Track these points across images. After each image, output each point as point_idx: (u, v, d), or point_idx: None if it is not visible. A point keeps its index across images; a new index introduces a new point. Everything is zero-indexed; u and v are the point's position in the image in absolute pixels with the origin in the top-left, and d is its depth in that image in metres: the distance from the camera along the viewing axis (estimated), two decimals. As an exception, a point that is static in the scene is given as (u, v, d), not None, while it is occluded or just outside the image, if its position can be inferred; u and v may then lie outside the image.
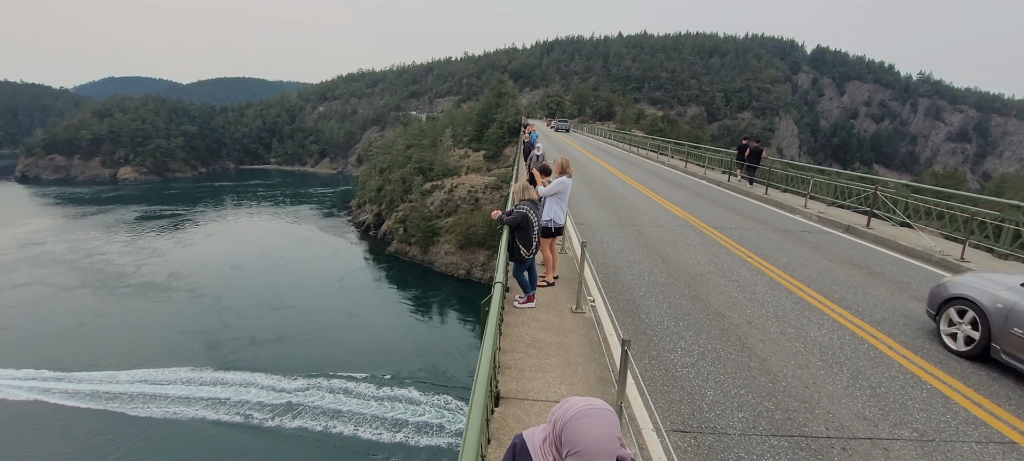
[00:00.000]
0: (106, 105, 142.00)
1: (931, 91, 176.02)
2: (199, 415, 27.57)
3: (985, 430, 4.54)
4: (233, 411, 27.82)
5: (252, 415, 27.48)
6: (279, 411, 27.82)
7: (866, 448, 4.23)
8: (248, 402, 28.58)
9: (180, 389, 29.90)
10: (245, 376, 31.23)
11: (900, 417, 4.69)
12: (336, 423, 26.83)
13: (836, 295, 7.92)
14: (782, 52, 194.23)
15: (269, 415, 27.48)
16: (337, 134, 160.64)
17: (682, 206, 15.08)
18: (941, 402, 4.97)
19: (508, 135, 66.45)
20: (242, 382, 30.61)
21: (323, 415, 27.44)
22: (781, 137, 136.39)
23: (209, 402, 28.63)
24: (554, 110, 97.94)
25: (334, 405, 28.28)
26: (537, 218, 6.44)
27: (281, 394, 29.32)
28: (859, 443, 4.29)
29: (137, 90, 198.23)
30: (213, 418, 27.34)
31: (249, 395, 29.24)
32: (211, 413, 27.68)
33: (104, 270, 52.70)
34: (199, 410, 27.92)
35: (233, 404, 28.41)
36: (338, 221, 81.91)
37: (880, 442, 4.31)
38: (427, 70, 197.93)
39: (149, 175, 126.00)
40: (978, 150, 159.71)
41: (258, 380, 30.74)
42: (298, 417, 27.31)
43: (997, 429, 4.55)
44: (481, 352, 3.21)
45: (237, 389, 29.89)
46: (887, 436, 4.40)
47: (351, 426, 26.60)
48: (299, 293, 46.02)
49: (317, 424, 26.76)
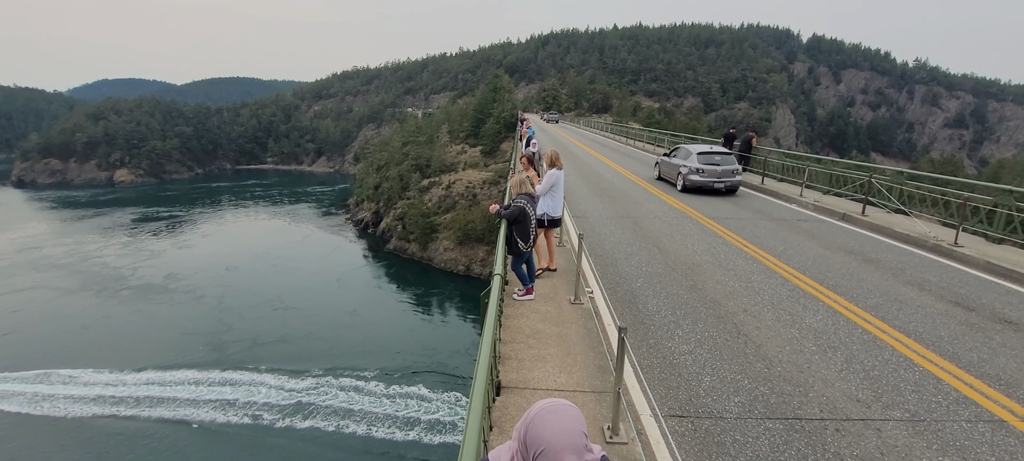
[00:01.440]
0: (100, 107, 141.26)
1: (927, 78, 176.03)
2: (210, 417, 27.64)
3: (975, 409, 4.65)
4: (243, 412, 27.90)
5: (262, 416, 27.59)
6: (289, 411, 27.91)
7: (859, 429, 4.34)
8: (257, 402, 28.66)
9: (188, 390, 29.96)
10: (252, 376, 31.34)
11: (892, 399, 4.79)
12: (347, 422, 26.93)
13: (831, 282, 8.02)
14: (778, 41, 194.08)
15: (279, 415, 27.59)
16: (333, 132, 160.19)
17: (677, 197, 15.16)
18: (933, 383, 5.08)
19: (505, 130, 66.43)
20: (250, 382, 30.69)
21: (334, 414, 27.54)
22: (778, 126, 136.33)
23: (218, 403, 28.67)
24: (550, 104, 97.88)
25: (344, 404, 28.37)
26: (534, 211, 6.52)
27: (290, 394, 29.41)
28: (852, 424, 4.40)
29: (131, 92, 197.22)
30: (223, 420, 27.38)
31: (258, 395, 29.33)
32: (221, 415, 27.73)
33: (104, 273, 52.69)
34: (209, 412, 27.98)
35: (242, 405, 28.47)
36: (336, 219, 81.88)
37: (872, 423, 4.42)
38: (422, 66, 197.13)
39: (145, 177, 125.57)
40: (975, 136, 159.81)
41: (266, 380, 30.84)
42: (309, 417, 27.40)
43: (987, 408, 4.67)
44: (481, 342, 3.29)
45: (246, 389, 29.98)
46: (879, 417, 4.51)
47: (363, 425, 26.70)
48: (300, 292, 46.13)
49: (328, 424, 26.85)
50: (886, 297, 7.42)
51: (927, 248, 10.04)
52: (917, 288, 7.84)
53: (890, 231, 11.16)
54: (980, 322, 6.58)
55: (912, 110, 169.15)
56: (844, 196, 14.48)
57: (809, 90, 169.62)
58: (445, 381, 30.93)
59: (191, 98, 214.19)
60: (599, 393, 4.50)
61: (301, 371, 31.89)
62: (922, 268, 8.89)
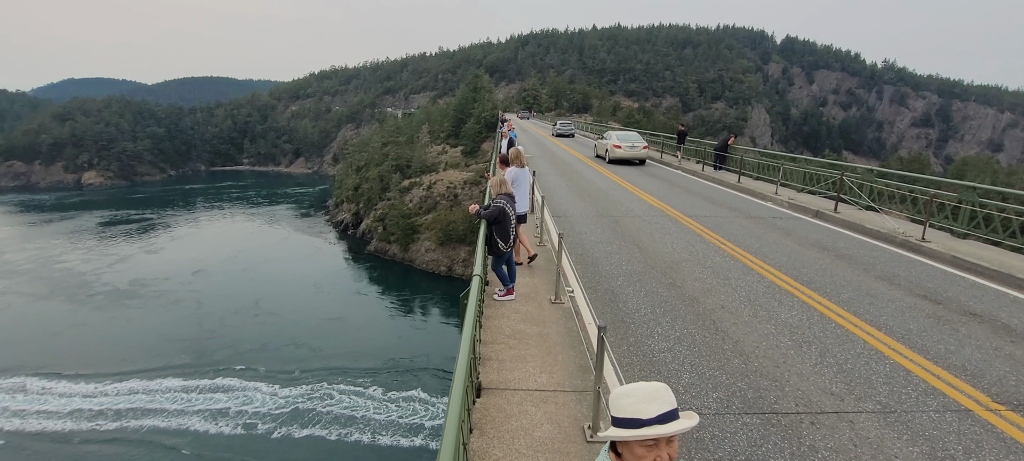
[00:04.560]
0: (67, 108, 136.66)
1: (895, 78, 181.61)
2: (201, 427, 26.89)
3: (943, 400, 4.79)
4: (235, 421, 27.26)
5: (256, 424, 27.01)
6: (281, 420, 27.32)
7: (833, 421, 4.43)
8: (248, 411, 27.99)
9: (174, 400, 29.05)
10: (238, 383, 30.63)
11: (864, 391, 4.91)
12: (342, 428, 26.54)
13: (805, 277, 8.19)
14: (753, 42, 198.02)
15: (273, 423, 27.04)
16: (311, 133, 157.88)
17: (658, 196, 15.33)
18: (903, 375, 5.22)
19: (485, 130, 66.31)
20: (241, 389, 29.99)
21: (326, 419, 27.14)
22: (754, 126, 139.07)
23: (209, 413, 27.91)
24: (531, 104, 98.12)
25: (336, 409, 27.96)
26: (514, 212, 6.51)
27: (284, 400, 28.81)
28: (826, 417, 4.49)
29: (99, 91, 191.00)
30: (214, 431, 26.65)
31: (249, 403, 28.65)
32: (212, 425, 27.00)
33: (73, 278, 51.00)
34: (200, 421, 27.22)
35: (233, 415, 27.76)
36: (315, 221, 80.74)
37: (846, 415, 4.52)
38: (401, 66, 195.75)
39: (115, 179, 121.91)
40: (941, 134, 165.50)
41: (253, 388, 30.15)
42: (303, 424, 26.86)
43: (954, 398, 4.81)
44: (460, 344, 3.26)
45: (235, 396, 29.31)
46: (852, 409, 4.61)
47: (358, 431, 26.36)
48: (281, 296, 45.29)
49: (319, 430, 26.39)
50: (858, 292, 7.60)
51: (896, 244, 10.33)
52: (887, 283, 8.05)
53: (861, 227, 11.46)
54: (947, 315, 6.79)
55: (881, 110, 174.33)
56: (818, 194, 14.81)
57: (783, 90, 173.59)
58: (435, 382, 30.76)
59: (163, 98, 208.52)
60: (580, 392, 4.51)
61: (289, 376, 31.36)
62: (892, 263, 9.14)
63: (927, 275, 8.51)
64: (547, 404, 4.31)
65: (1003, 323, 6.55)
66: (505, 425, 4.01)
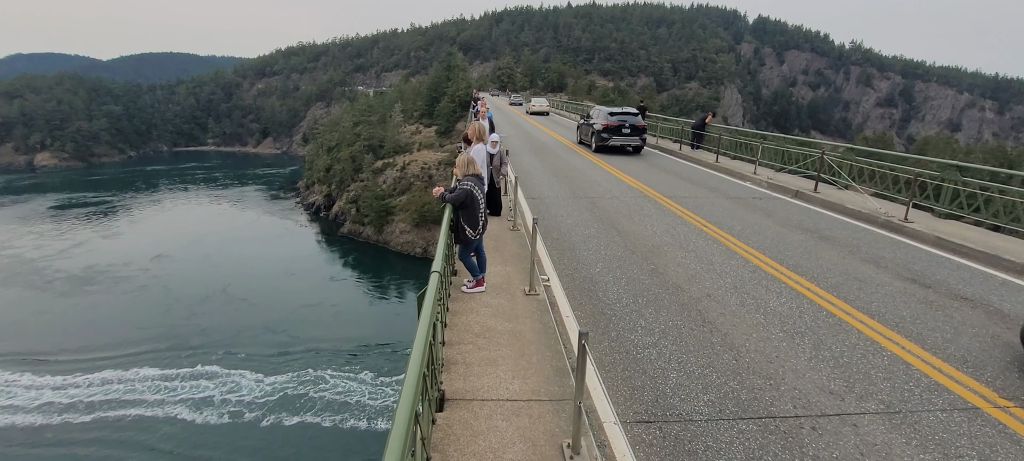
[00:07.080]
0: (15, 85, 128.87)
1: (862, 59, 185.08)
2: (186, 416, 25.87)
3: (948, 397, 4.42)
4: (218, 411, 26.34)
5: (242, 413, 26.21)
6: (269, 407, 26.53)
7: (835, 426, 4.00)
8: (231, 400, 27.08)
9: (156, 390, 27.84)
10: (220, 370, 29.67)
11: (865, 389, 4.51)
12: (331, 415, 25.96)
13: (791, 261, 7.82)
14: (726, 22, 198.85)
15: (260, 412, 26.22)
16: (279, 112, 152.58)
17: (636, 176, 14.85)
18: (902, 369, 4.85)
19: (459, 109, 64.90)
20: (221, 376, 29.02)
21: (321, 408, 26.47)
22: (726, 106, 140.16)
23: (191, 403, 26.83)
24: (506, 83, 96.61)
25: (329, 395, 27.31)
26: (483, 194, 5.88)
27: (267, 388, 27.95)
28: (828, 420, 4.06)
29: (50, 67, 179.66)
30: (201, 421, 25.62)
31: (231, 392, 27.73)
32: (198, 415, 25.97)
33: (27, 265, 48.33)
34: (184, 411, 26.18)
35: (218, 403, 26.81)
36: (286, 203, 78.44)
37: (849, 417, 4.10)
38: (372, 43, 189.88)
39: (71, 160, 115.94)
40: (903, 114, 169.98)
41: (237, 374, 29.19)
42: (288, 411, 26.11)
43: (959, 394, 4.45)
44: (410, 358, 2.65)
45: (220, 383, 28.41)
46: (855, 411, 4.19)
47: (342, 416, 25.77)
48: (252, 280, 43.99)
49: (299, 417, 25.76)
50: (845, 276, 7.26)
51: (879, 225, 10.09)
52: (874, 265, 7.74)
53: (842, 208, 11.20)
54: (938, 300, 6.49)
55: (848, 90, 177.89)
56: (797, 173, 14.56)
57: (755, 70, 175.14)
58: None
59: (119, 75, 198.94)
60: (557, 401, 3.96)
61: (271, 363, 30.55)
62: (876, 245, 8.86)
63: (913, 257, 8.24)
64: (520, 417, 3.75)
65: (996, 308, 6.28)
66: (471, 445, 3.44)
